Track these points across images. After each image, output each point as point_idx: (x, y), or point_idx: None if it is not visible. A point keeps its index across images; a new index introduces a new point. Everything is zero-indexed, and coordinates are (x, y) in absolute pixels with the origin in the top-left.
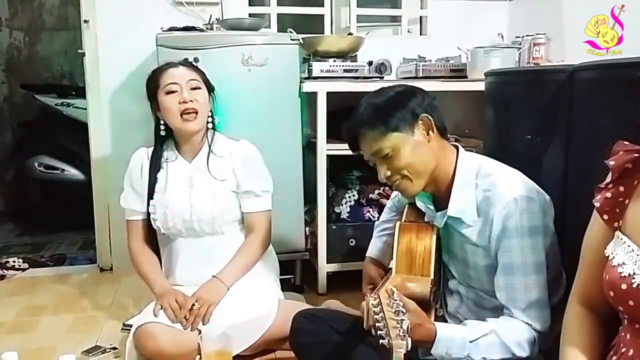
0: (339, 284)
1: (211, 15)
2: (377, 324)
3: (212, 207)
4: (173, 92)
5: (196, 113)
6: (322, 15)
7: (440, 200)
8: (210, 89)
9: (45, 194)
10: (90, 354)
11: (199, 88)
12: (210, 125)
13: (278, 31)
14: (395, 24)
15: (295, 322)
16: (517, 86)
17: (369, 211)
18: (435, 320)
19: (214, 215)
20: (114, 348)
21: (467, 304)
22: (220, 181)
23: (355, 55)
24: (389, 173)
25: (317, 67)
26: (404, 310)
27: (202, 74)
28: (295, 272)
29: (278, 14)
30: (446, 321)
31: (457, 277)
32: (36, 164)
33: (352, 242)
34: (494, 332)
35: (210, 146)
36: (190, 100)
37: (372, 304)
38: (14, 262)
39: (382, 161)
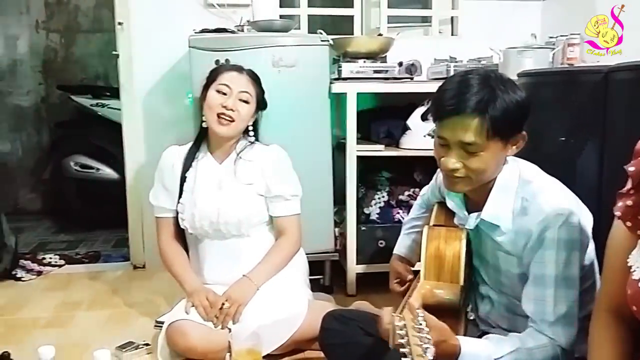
0: (369, 285)
1: (242, 17)
2: (401, 347)
3: (239, 210)
4: (222, 92)
5: (232, 121)
6: (352, 16)
7: (473, 201)
8: (261, 107)
9: (80, 192)
10: (124, 350)
11: (246, 102)
12: (250, 135)
13: (308, 32)
14: (425, 24)
15: (325, 322)
16: (550, 87)
17: (398, 212)
18: (466, 325)
19: (241, 218)
20: (147, 344)
21: (499, 309)
22: (248, 185)
23: (385, 56)
24: (457, 166)
25: (347, 68)
26: (428, 337)
27: (259, 91)
28: (325, 273)
29: (308, 15)
30: (477, 325)
31: (488, 282)
32: (72, 163)
33: (381, 243)
34: (518, 350)
35: (239, 152)
36: (232, 109)
37: (397, 325)
38: (51, 258)
39: (458, 151)
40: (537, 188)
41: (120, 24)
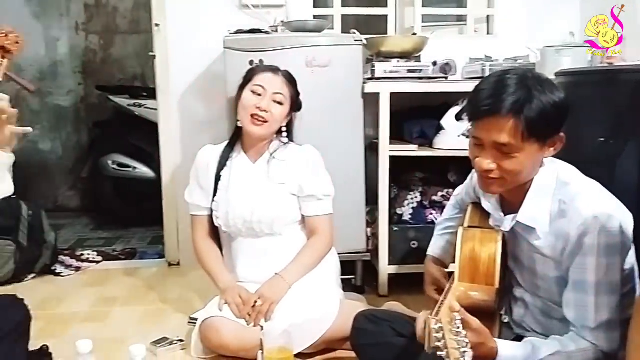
0: (401, 286)
1: (276, 18)
2: (438, 350)
3: (272, 209)
4: (257, 93)
5: (265, 122)
6: (386, 16)
7: (510, 203)
8: (296, 108)
9: (118, 190)
10: (158, 345)
11: (281, 104)
12: (284, 135)
13: (342, 32)
14: (460, 23)
15: (357, 322)
16: (589, 87)
17: (431, 213)
18: (500, 328)
19: (273, 217)
20: (181, 340)
21: (534, 313)
22: (281, 184)
23: (419, 55)
24: (492, 166)
25: (380, 68)
26: (466, 340)
27: (294, 92)
28: (356, 273)
29: (342, 15)
30: (512, 329)
31: (524, 285)
32: (110, 162)
33: (414, 244)
34: (558, 353)
35: (272, 152)
36: (265, 111)
37: (434, 328)
38: (89, 255)
39: (493, 151)
40: (575, 190)
41: (157, 25)
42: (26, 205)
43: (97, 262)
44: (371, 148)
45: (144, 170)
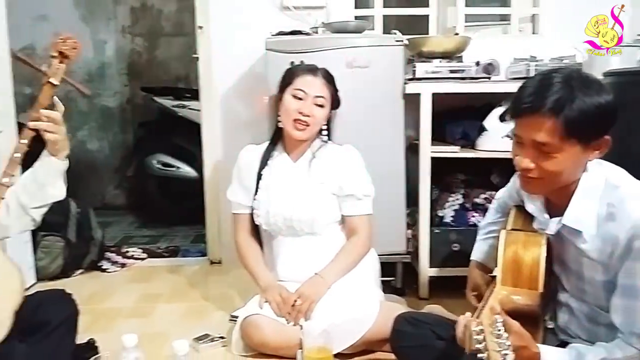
0: (442, 289)
1: (317, 19)
2: (478, 352)
3: (312, 208)
4: (298, 98)
5: (307, 126)
6: (428, 16)
7: (554, 205)
8: (335, 106)
9: (161, 189)
10: (201, 342)
11: (322, 106)
12: (324, 133)
13: (383, 33)
14: (504, 22)
15: (397, 324)
16: (639, 87)
17: (474, 216)
18: (544, 334)
19: (313, 216)
20: (222, 337)
21: (579, 318)
22: (321, 183)
23: (462, 55)
24: (531, 165)
25: (422, 68)
26: (507, 343)
27: (333, 91)
28: (397, 275)
29: (383, 16)
30: (556, 335)
31: (569, 290)
32: (154, 162)
33: (455, 247)
34: None
35: (314, 151)
36: (307, 115)
37: (475, 330)
38: (134, 251)
39: (533, 150)
40: (624, 193)
41: (200, 27)
42: (75, 203)
43: (142, 259)
44: (412, 149)
45: (186, 169)
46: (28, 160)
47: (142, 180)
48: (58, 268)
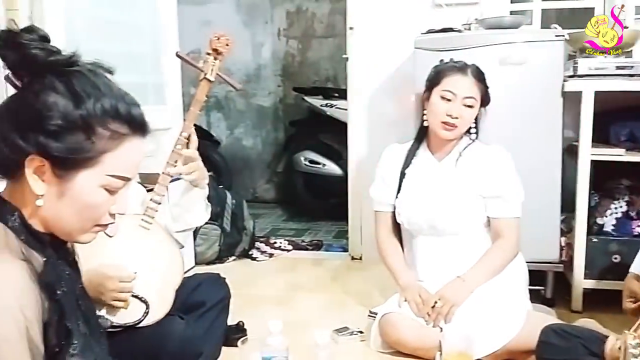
0: (597, 303)
1: (470, 16)
2: None
3: (455, 208)
4: (446, 99)
5: (456, 127)
6: (592, 9)
7: None
8: (486, 104)
9: (308, 185)
10: (340, 334)
11: (471, 107)
12: (472, 132)
13: (541, 27)
14: None
15: (544, 335)
16: None
17: (638, 225)
18: None
19: (457, 216)
20: (360, 332)
21: None
22: (466, 184)
23: (631, 50)
24: None
25: (584, 65)
26: None
27: (484, 89)
28: (547, 284)
29: (542, 10)
30: None
31: None
32: (302, 159)
33: (615, 258)
34: None
35: (461, 150)
36: (456, 117)
37: (631, 344)
38: (281, 243)
39: None
40: None
41: (351, 28)
42: (230, 195)
43: (288, 251)
44: (570, 151)
45: (332, 167)
46: None
47: (290, 176)
48: (214, 254)
